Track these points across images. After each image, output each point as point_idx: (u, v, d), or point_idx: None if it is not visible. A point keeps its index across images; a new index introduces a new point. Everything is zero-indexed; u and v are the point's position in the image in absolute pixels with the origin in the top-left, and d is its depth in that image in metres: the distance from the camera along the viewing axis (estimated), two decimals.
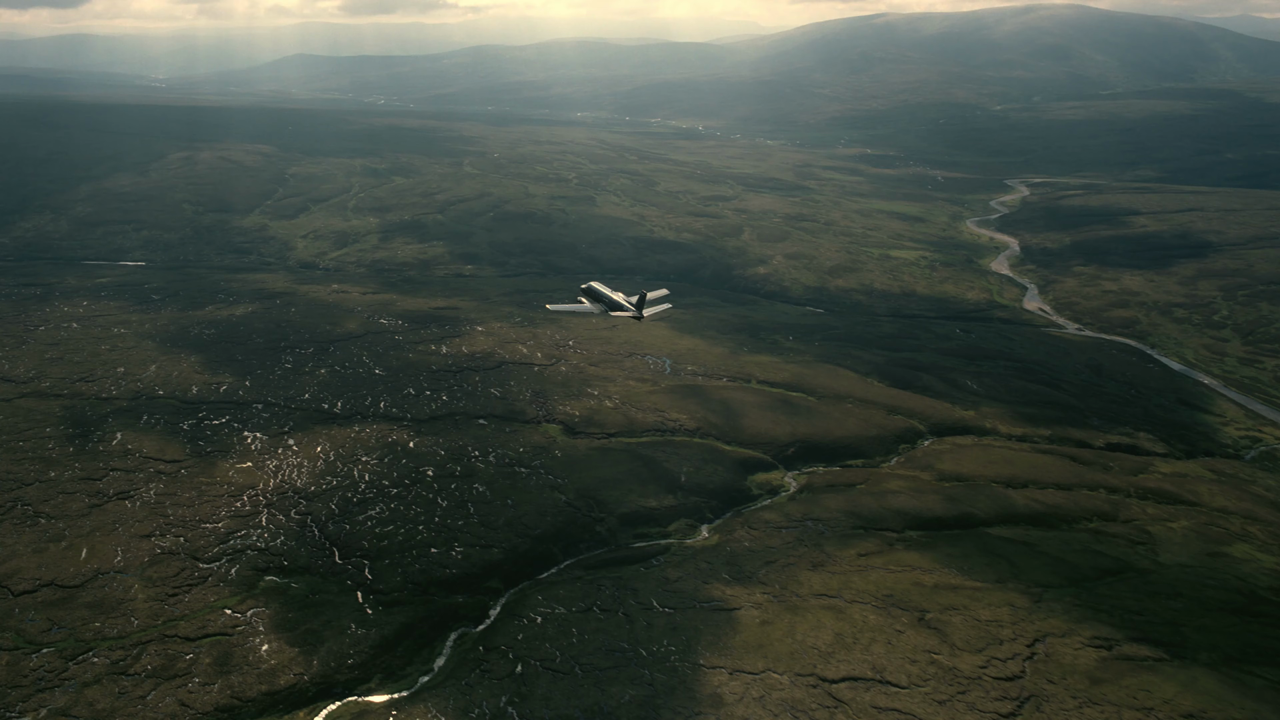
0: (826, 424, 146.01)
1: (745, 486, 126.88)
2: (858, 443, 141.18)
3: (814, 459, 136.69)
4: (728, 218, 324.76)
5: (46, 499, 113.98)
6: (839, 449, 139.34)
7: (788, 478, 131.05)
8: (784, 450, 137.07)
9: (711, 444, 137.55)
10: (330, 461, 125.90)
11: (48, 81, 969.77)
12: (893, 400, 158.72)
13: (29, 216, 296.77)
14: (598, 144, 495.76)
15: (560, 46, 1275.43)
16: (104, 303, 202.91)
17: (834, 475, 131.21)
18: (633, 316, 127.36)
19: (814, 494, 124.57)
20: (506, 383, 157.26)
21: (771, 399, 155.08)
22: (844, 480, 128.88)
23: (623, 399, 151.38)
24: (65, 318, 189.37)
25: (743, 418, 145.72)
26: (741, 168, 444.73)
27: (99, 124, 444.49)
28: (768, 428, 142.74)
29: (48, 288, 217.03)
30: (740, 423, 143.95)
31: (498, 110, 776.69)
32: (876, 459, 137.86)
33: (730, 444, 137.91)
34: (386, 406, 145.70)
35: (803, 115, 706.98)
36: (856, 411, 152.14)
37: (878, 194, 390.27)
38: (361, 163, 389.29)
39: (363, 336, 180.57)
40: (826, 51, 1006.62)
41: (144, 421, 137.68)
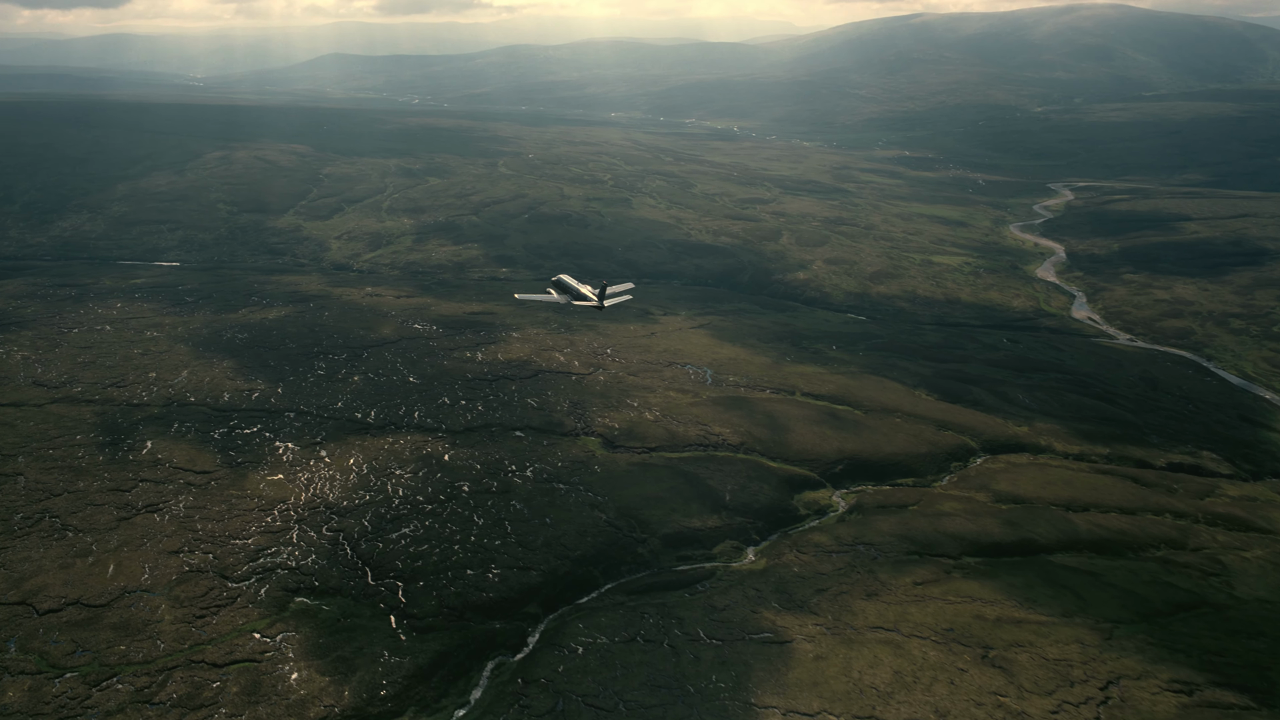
0: (875, 440, 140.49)
1: (792, 506, 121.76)
2: (908, 460, 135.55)
3: (862, 477, 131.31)
4: (766, 221, 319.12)
5: (75, 511, 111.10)
6: (888, 467, 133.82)
7: (836, 497, 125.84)
8: (831, 468, 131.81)
9: (756, 460, 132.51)
10: (363, 475, 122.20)
11: (89, 81, 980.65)
12: (942, 415, 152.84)
13: (66, 216, 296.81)
14: (633, 145, 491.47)
15: (594, 46, 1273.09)
16: (138, 304, 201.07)
17: (884, 495, 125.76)
18: (595, 306, 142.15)
19: (864, 515, 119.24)
20: (544, 392, 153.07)
21: (817, 412, 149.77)
22: (895, 501, 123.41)
23: (663, 411, 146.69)
24: (99, 320, 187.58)
25: (788, 432, 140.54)
26: (778, 170, 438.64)
27: (137, 123, 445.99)
28: (814, 443, 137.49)
29: (82, 289, 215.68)
30: (786, 438, 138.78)
31: (531, 110, 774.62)
32: (928, 478, 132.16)
33: (776, 460, 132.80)
34: (421, 416, 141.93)
35: (839, 116, 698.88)
36: (905, 426, 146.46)
37: (918, 197, 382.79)
38: (396, 163, 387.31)
39: (397, 342, 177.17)
40: (863, 52, 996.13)
41: (175, 429, 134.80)
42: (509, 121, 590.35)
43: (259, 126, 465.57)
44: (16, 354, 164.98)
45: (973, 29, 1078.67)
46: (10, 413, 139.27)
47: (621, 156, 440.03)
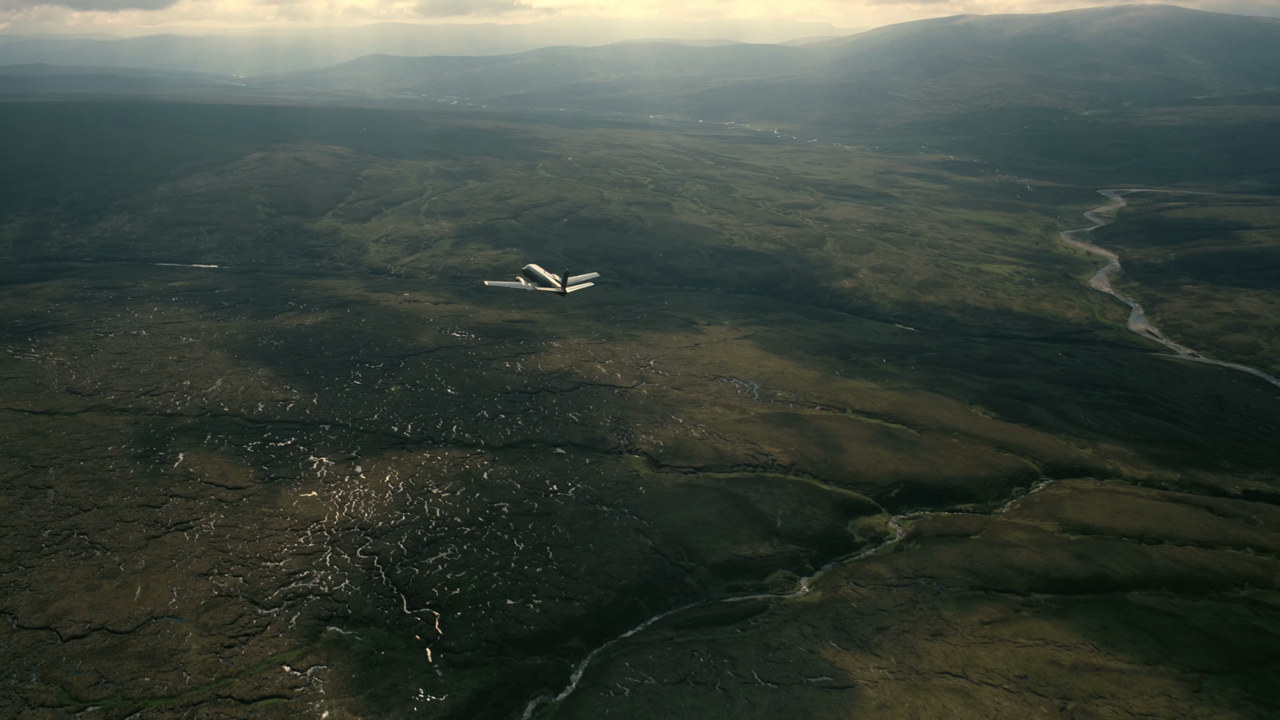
0: (931, 461, 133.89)
1: (846, 533, 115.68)
2: (967, 484, 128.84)
3: (919, 501, 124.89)
4: (809, 227, 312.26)
5: (103, 528, 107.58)
6: (946, 491, 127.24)
7: (892, 523, 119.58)
8: (887, 491, 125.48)
9: (808, 482, 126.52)
10: (399, 493, 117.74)
11: (135, 81, 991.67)
12: (1001, 435, 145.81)
13: (108, 217, 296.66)
14: (672, 148, 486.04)
15: (633, 48, 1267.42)
16: (174, 309, 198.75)
17: (944, 522, 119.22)
18: (557, 292, 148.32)
19: (924, 544, 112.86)
20: (585, 406, 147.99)
21: (870, 431, 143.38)
22: (956, 529, 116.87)
23: (710, 428, 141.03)
24: (135, 324, 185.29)
25: (841, 452, 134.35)
26: (820, 174, 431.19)
27: (179, 124, 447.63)
28: (868, 465, 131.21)
29: (120, 291, 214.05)
30: (838, 458, 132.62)
31: (570, 111, 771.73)
32: (989, 503, 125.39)
33: (829, 483, 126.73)
34: (459, 431, 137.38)
35: (881, 119, 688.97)
36: (962, 447, 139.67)
37: (964, 203, 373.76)
38: (435, 165, 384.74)
39: (434, 351, 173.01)
40: (904, 54, 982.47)
41: (207, 441, 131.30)
42: (548, 123, 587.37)
43: (299, 128, 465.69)
44: (52, 360, 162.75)
45: (1017, 31, 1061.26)
46: (43, 422, 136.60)
47: (661, 160, 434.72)
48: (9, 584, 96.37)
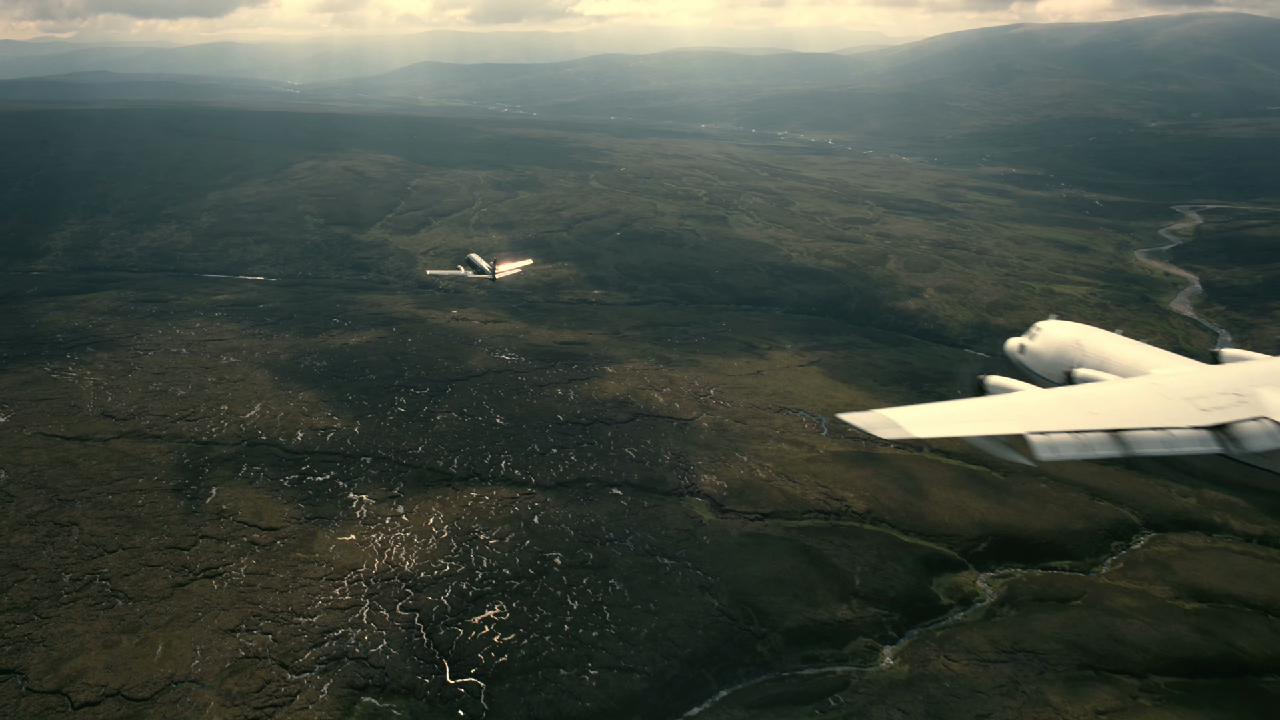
0: (1021, 510, 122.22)
1: (932, 593, 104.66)
2: (1061, 538, 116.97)
3: (1010, 557, 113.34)
4: (870, 243, 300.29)
5: (127, 573, 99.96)
6: (1039, 545, 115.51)
7: (980, 582, 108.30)
8: (974, 545, 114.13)
9: (887, 533, 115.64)
10: (443, 539, 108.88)
11: (193, 87, 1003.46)
12: (1093, 479, 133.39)
13: (157, 226, 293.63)
14: (726, 158, 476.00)
15: (685, 56, 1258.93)
16: (217, 324, 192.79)
17: (1039, 583, 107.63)
18: (490, 279, 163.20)
19: (1020, 610, 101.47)
20: (642, 440, 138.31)
21: (951, 474, 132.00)
22: (1054, 591, 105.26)
23: (777, 468, 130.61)
24: (175, 342, 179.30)
25: (921, 499, 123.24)
26: (879, 186, 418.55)
27: (232, 131, 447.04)
28: (952, 513, 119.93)
29: (165, 305, 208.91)
30: (919, 505, 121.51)
31: (621, 120, 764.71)
32: (1086, 560, 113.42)
33: (909, 534, 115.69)
34: (508, 467, 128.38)
35: (938, 130, 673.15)
36: (1053, 494, 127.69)
37: (1031, 219, 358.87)
38: (485, 175, 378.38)
39: (483, 376, 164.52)
40: (961, 63, 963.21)
41: (243, 474, 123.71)
42: (600, 132, 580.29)
43: (350, 136, 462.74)
44: (89, 379, 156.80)
45: (1078, 39, 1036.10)
46: (74, 449, 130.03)
47: (715, 170, 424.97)
48: (22, 638, 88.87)
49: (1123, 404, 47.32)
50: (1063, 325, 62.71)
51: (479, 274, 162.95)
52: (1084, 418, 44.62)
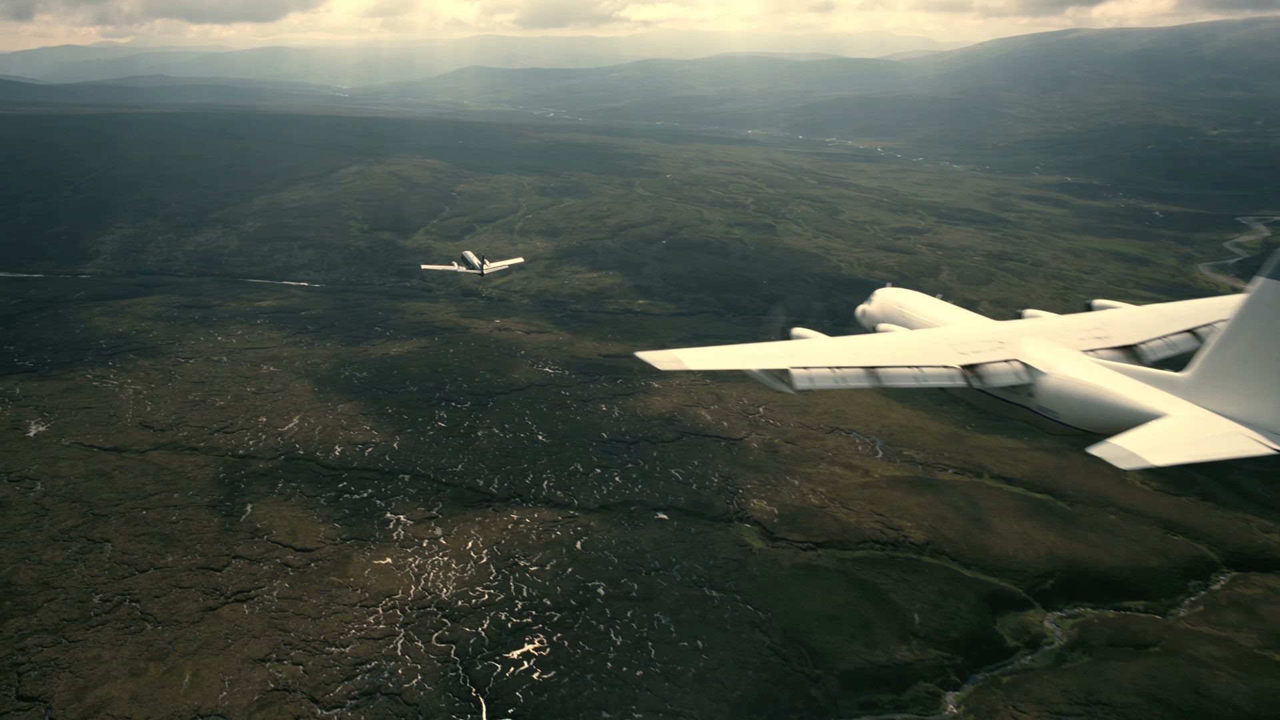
0: (1090, 544, 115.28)
1: (996, 634, 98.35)
2: (1134, 575, 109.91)
3: (1079, 595, 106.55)
4: (922, 254, 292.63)
5: (158, 594, 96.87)
6: (1111, 582, 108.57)
7: (1049, 622, 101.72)
8: (1040, 581, 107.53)
9: (947, 566, 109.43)
10: (482, 565, 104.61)
11: (245, 91, 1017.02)
12: (1167, 511, 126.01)
13: (203, 230, 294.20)
14: (773, 165, 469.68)
15: (731, 61, 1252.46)
16: (258, 332, 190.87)
17: (1113, 626, 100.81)
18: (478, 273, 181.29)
19: (1093, 656, 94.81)
20: (689, 461, 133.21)
21: (1014, 502, 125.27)
22: (1130, 636, 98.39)
23: (830, 493, 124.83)
24: (216, 350, 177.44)
25: (983, 529, 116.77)
26: (930, 195, 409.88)
27: (279, 135, 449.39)
28: (1017, 546, 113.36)
29: (208, 311, 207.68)
30: (981, 537, 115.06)
31: (667, 125, 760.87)
32: (1163, 601, 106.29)
33: (971, 567, 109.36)
34: (550, 488, 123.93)
35: (990, 137, 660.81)
36: (1124, 527, 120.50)
37: (1088, 229, 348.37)
38: (530, 181, 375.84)
39: (525, 389, 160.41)
40: (1013, 69, 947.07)
41: (279, 490, 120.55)
42: (646, 138, 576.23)
43: (396, 140, 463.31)
44: (129, 388, 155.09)
45: (1134, 45, 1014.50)
46: (111, 460, 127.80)
47: (762, 178, 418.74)
48: (49, 662, 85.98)
49: (891, 348, 56.64)
50: (895, 291, 72.61)
51: (470, 269, 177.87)
52: (849, 357, 53.85)
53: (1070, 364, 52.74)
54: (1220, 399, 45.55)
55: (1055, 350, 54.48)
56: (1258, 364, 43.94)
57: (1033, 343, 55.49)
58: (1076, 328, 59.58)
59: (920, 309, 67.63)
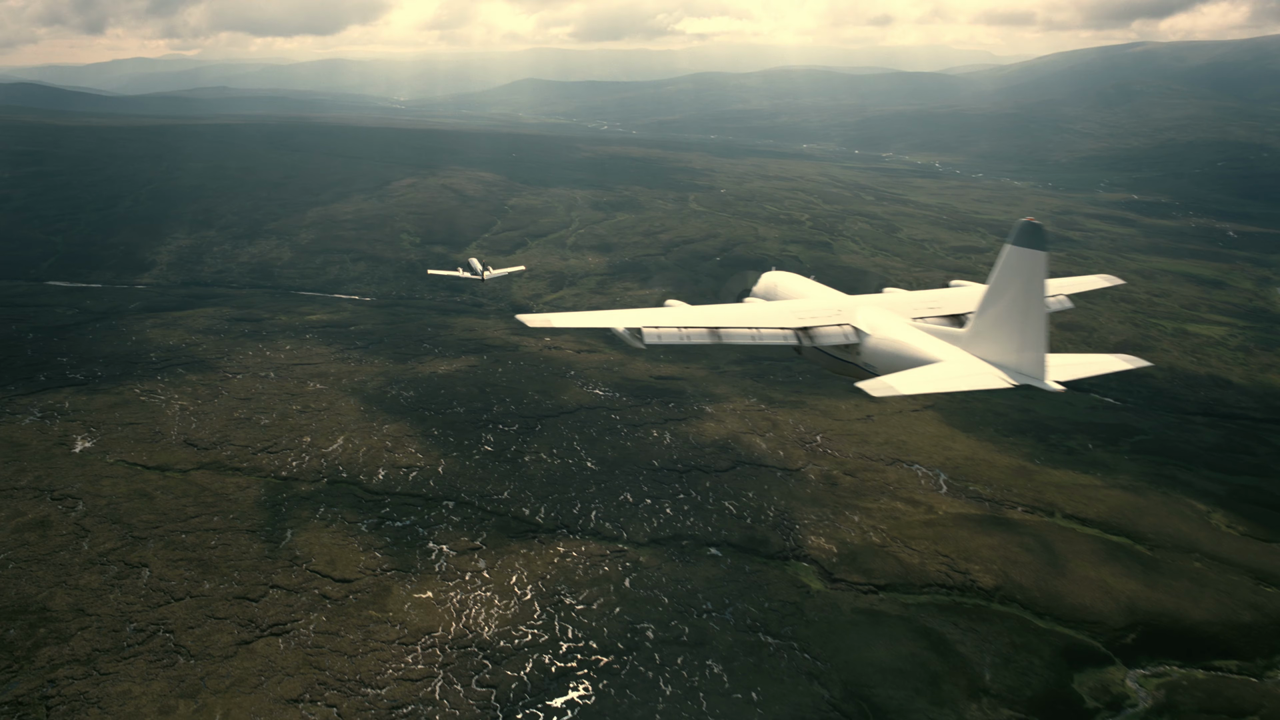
0: (1174, 595, 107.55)
1: (1074, 694, 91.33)
2: (1225, 631, 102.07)
3: (1164, 651, 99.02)
4: (984, 273, 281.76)
5: (193, 625, 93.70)
6: (1199, 639, 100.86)
7: (1131, 681, 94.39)
8: (1121, 635, 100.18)
9: (1018, 614, 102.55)
10: (526, 602, 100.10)
11: (305, 103, 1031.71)
12: (1258, 559, 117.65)
13: (257, 241, 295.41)
14: (830, 180, 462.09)
15: (787, 74, 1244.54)
16: (307, 347, 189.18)
17: (1202, 689, 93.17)
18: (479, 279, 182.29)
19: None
20: (743, 492, 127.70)
21: (1089, 545, 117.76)
22: (1223, 701, 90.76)
23: (891, 530, 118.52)
24: (264, 365, 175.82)
25: (1058, 575, 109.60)
26: (991, 212, 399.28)
27: (335, 147, 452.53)
28: (1093, 594, 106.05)
29: (258, 325, 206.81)
30: (1055, 583, 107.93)
31: (721, 139, 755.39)
32: (1258, 662, 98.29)
33: (1045, 617, 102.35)
34: (598, 518, 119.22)
35: (1052, 153, 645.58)
36: (1210, 576, 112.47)
37: (1157, 250, 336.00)
38: (583, 195, 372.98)
39: (574, 412, 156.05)
40: (1076, 82, 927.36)
41: (320, 515, 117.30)
42: (700, 152, 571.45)
43: (450, 153, 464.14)
44: (176, 404, 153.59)
45: (1203, 58, 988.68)
46: (153, 480, 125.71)
47: (818, 194, 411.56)
48: (77, 695, 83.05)
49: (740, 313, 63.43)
50: (775, 274, 76.78)
51: (473, 275, 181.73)
52: (698, 320, 60.07)
53: (889, 327, 59.89)
54: (984, 348, 53.69)
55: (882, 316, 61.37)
56: (1008, 318, 51.94)
57: (866, 311, 62.02)
58: (916, 301, 66.20)
59: (791, 286, 73.17)
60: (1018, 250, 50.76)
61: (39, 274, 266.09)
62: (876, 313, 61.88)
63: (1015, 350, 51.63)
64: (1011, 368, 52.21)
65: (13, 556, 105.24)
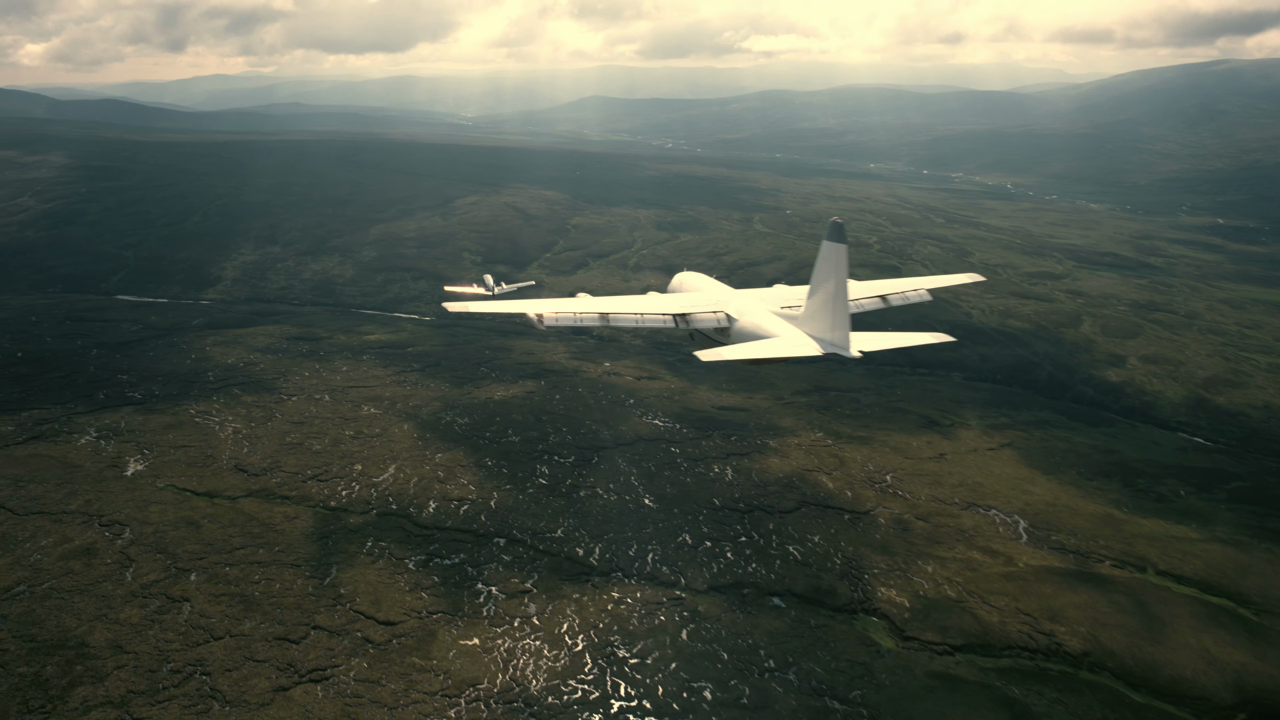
0: None
1: None
2: None
3: None
4: (1060, 301, 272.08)
5: (230, 667, 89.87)
6: None
7: None
8: (1228, 715, 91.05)
9: (1110, 685, 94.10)
10: (577, 653, 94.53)
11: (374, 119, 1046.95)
12: None
13: (320, 259, 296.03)
14: (898, 201, 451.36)
15: (855, 92, 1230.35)
16: (363, 369, 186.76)
17: None
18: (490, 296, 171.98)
19: None
20: (808, 536, 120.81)
21: (1187, 607, 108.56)
22: None
23: (968, 583, 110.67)
24: (320, 386, 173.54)
25: (1155, 641, 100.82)
26: (1067, 237, 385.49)
27: (401, 164, 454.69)
28: (1195, 665, 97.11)
29: (316, 344, 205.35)
30: (1152, 651, 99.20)
31: (787, 158, 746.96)
32: None
33: (1140, 690, 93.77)
34: (655, 561, 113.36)
35: (1130, 175, 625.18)
36: None
37: (1247, 278, 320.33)
38: (647, 214, 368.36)
39: (632, 444, 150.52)
40: (1155, 101, 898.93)
41: (367, 549, 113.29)
42: (765, 171, 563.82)
43: (515, 170, 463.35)
44: (229, 426, 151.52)
45: None
46: (202, 506, 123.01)
47: (887, 215, 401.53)
48: None
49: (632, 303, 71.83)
50: (683, 274, 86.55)
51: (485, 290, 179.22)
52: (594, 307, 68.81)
53: (752, 313, 70.36)
54: (811, 325, 63.96)
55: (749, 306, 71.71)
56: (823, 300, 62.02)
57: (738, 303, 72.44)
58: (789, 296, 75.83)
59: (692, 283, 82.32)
60: (829, 244, 60.29)
61: (109, 288, 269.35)
62: (747, 303, 72.38)
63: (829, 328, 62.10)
64: (826, 340, 62.48)
65: (57, 586, 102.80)
